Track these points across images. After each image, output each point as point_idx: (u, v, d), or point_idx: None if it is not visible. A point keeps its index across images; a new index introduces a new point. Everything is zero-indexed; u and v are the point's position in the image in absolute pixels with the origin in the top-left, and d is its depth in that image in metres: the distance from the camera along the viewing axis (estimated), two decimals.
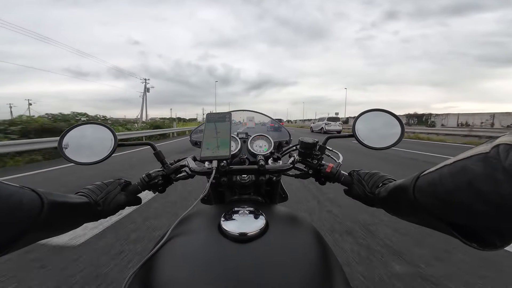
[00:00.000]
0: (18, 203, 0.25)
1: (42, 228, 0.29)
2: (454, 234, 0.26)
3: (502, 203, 0.18)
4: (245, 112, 0.89)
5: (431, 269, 1.43)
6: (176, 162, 0.60)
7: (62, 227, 0.35)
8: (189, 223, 0.41)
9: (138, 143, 0.61)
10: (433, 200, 0.25)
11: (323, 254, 0.35)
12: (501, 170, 0.18)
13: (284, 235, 0.38)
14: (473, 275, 1.38)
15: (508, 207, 0.18)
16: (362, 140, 0.51)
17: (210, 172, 0.43)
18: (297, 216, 0.46)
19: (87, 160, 0.50)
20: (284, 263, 0.31)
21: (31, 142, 5.58)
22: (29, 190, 0.28)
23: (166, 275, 0.30)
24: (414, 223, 0.33)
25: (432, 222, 0.28)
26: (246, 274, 0.29)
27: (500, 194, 0.18)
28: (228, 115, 0.51)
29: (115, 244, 1.72)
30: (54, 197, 0.31)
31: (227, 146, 0.45)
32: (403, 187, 0.31)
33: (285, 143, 0.76)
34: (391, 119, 0.51)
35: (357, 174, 0.49)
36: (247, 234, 0.34)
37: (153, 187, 0.55)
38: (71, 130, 0.50)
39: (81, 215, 0.39)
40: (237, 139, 0.65)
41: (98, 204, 0.43)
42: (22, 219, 0.26)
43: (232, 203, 0.54)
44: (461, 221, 0.24)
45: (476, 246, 0.25)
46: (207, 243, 0.35)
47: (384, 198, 0.39)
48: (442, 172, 0.24)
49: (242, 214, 0.40)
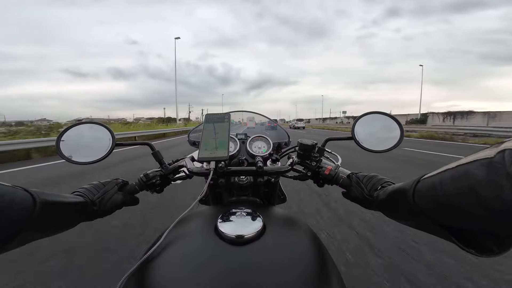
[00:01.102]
0: (9, 203, 0.25)
1: (35, 228, 0.28)
2: (452, 239, 0.25)
3: (503, 209, 0.18)
4: (245, 112, 0.91)
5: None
6: (174, 162, 0.60)
7: (57, 227, 0.35)
8: (186, 224, 0.41)
9: (136, 143, 0.61)
10: (432, 205, 0.25)
11: (319, 256, 0.35)
12: (505, 176, 0.18)
13: (281, 237, 0.38)
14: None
15: (509, 212, 0.18)
16: (361, 142, 0.50)
17: (208, 173, 0.43)
18: (294, 218, 0.45)
19: (85, 160, 0.49)
20: (281, 265, 0.31)
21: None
22: (21, 189, 0.27)
23: (161, 277, 0.30)
24: (412, 227, 0.32)
25: (431, 227, 0.28)
26: (242, 277, 0.29)
27: (501, 200, 0.18)
28: (227, 116, 0.51)
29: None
30: (47, 197, 0.30)
31: (226, 147, 0.44)
32: (402, 190, 0.31)
33: (284, 145, 0.75)
34: (391, 122, 0.51)
35: (355, 177, 0.49)
36: (244, 236, 0.34)
37: (151, 187, 0.55)
38: (69, 130, 0.50)
39: (76, 215, 0.39)
40: (236, 140, 0.64)
41: (94, 204, 0.43)
42: (14, 218, 0.26)
43: (229, 204, 0.53)
44: (460, 226, 0.24)
45: (474, 252, 0.24)
46: (203, 245, 0.35)
47: (382, 201, 0.38)
48: (443, 176, 0.24)
49: (239, 215, 0.39)
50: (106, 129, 0.52)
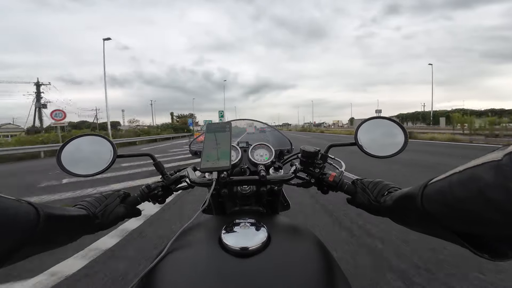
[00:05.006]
0: (14, 216, 0.25)
1: (39, 241, 0.28)
2: (464, 244, 0.25)
3: None
4: (245, 119, 0.96)
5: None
6: (176, 172, 0.59)
7: (60, 240, 0.34)
8: (190, 236, 0.40)
9: (138, 154, 0.61)
10: (442, 209, 0.25)
11: (326, 266, 0.34)
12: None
13: (287, 247, 0.37)
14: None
15: None
16: (364, 148, 0.50)
17: (210, 184, 0.42)
18: (299, 226, 0.45)
19: (86, 172, 0.49)
20: (287, 278, 0.30)
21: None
22: (25, 203, 0.27)
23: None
24: (422, 232, 0.31)
25: (441, 232, 0.27)
26: None
27: None
28: (228, 125, 0.50)
29: None
30: (50, 210, 0.30)
31: (228, 157, 0.44)
32: (410, 195, 0.30)
33: (287, 152, 0.75)
34: (394, 127, 0.50)
35: (360, 183, 0.48)
36: (248, 248, 0.33)
37: (153, 198, 0.54)
38: (69, 142, 0.50)
39: (79, 228, 0.39)
40: (237, 148, 0.64)
41: (96, 217, 0.42)
42: (18, 232, 0.26)
43: (233, 214, 0.53)
44: (471, 230, 0.24)
45: (487, 257, 0.24)
46: (207, 257, 0.34)
47: (390, 207, 0.38)
48: (451, 180, 0.23)
49: (243, 226, 0.38)
50: (106, 141, 0.52)
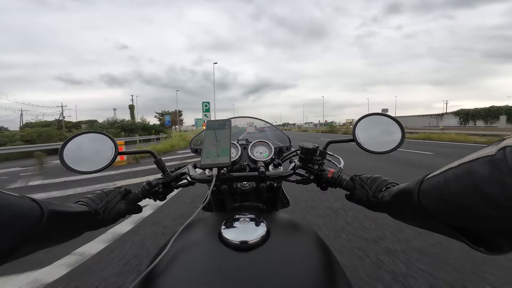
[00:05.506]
0: (18, 213, 0.26)
1: (42, 237, 0.29)
2: (461, 238, 0.25)
3: (510, 206, 0.18)
4: (245, 118, 0.93)
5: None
6: (176, 169, 0.60)
7: (62, 236, 0.35)
8: (190, 232, 0.40)
9: (139, 151, 0.62)
10: (438, 204, 0.25)
11: (325, 261, 0.35)
12: (508, 173, 0.18)
13: (286, 242, 0.37)
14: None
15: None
16: (362, 144, 0.50)
17: (210, 180, 0.43)
18: (298, 222, 0.45)
19: (88, 169, 0.50)
20: (286, 271, 0.31)
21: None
22: (29, 199, 0.28)
23: (168, 286, 0.30)
24: (419, 227, 0.32)
25: (438, 226, 0.27)
26: (248, 283, 0.29)
27: (507, 197, 0.18)
28: (228, 122, 0.51)
29: None
30: (53, 207, 0.31)
31: (227, 153, 0.44)
32: (407, 190, 0.30)
33: (286, 149, 0.75)
34: (392, 123, 0.51)
35: (359, 179, 0.49)
36: (248, 242, 0.34)
37: (154, 195, 0.55)
38: (72, 139, 0.51)
39: (81, 224, 0.39)
40: (237, 145, 0.64)
41: (98, 213, 0.43)
42: (22, 228, 0.26)
43: (233, 210, 0.53)
44: (467, 225, 0.24)
45: (483, 251, 0.24)
46: (208, 252, 0.35)
47: (387, 202, 0.38)
48: (447, 175, 0.23)
49: (243, 221, 0.39)
50: (108, 138, 0.52)
